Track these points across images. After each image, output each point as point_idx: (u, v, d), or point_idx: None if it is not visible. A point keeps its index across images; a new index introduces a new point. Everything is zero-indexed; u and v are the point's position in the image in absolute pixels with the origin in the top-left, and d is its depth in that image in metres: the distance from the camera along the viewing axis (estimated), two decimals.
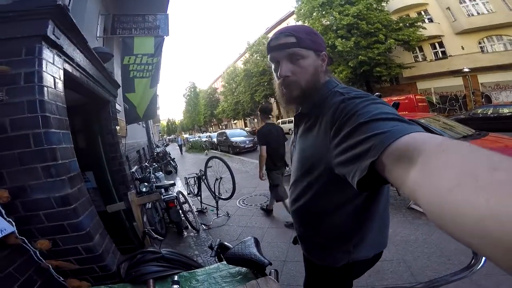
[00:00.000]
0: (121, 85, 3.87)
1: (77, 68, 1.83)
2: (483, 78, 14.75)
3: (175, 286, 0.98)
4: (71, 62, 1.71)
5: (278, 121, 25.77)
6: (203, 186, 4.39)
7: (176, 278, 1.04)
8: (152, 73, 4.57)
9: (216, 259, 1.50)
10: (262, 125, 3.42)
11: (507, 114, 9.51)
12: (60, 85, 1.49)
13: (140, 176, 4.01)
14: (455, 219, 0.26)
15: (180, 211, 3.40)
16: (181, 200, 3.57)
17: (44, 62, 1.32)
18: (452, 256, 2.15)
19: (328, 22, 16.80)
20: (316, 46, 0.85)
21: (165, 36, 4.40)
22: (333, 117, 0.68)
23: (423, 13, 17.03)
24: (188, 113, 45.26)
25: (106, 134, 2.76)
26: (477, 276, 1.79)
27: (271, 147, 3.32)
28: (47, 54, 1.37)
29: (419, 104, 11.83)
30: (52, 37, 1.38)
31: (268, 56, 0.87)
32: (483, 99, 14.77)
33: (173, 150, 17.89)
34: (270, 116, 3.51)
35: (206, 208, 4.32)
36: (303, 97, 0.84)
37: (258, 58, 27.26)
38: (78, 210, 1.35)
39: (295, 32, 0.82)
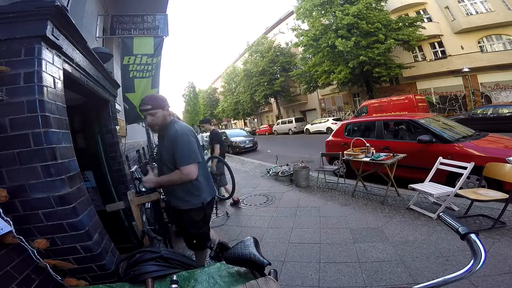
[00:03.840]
0: (121, 85, 3.87)
1: (77, 68, 1.84)
2: (482, 78, 14.76)
3: (174, 285, 0.98)
4: (70, 62, 1.71)
5: (278, 121, 25.83)
6: None
7: (175, 277, 1.04)
8: (152, 73, 4.57)
9: (215, 259, 1.50)
10: (213, 129, 4.70)
11: (507, 114, 9.52)
12: (59, 85, 1.49)
13: (139, 176, 4.00)
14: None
15: None
16: None
17: (43, 62, 1.32)
18: (451, 257, 2.15)
19: (328, 22, 16.80)
20: (161, 106, 1.81)
21: (164, 37, 4.40)
22: (172, 140, 1.77)
23: (422, 12, 17.06)
24: (188, 113, 45.23)
25: (105, 134, 2.76)
26: (475, 277, 1.80)
27: (222, 145, 4.55)
28: (47, 54, 1.37)
29: (419, 104, 11.81)
30: (51, 37, 1.38)
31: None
32: (483, 99, 14.77)
33: None
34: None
35: None
36: (160, 129, 1.88)
37: (257, 58, 27.26)
38: (77, 209, 1.36)
39: (150, 102, 1.79)
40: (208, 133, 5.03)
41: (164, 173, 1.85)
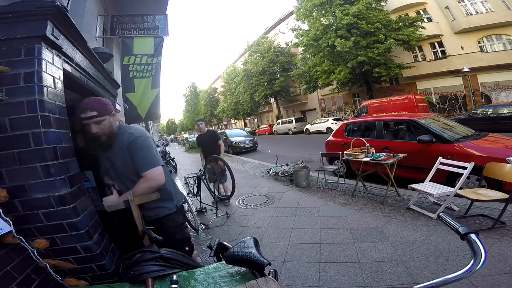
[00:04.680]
0: (121, 85, 3.88)
1: (77, 68, 1.84)
2: (482, 78, 14.76)
3: (173, 285, 0.98)
4: (70, 62, 1.71)
5: (278, 121, 25.84)
6: (202, 186, 4.39)
7: (175, 277, 1.04)
8: (152, 73, 4.57)
9: (215, 259, 1.50)
10: (209, 129, 4.83)
11: (507, 114, 9.52)
12: (59, 85, 1.49)
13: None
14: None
15: None
16: None
17: (43, 62, 1.32)
18: (451, 257, 2.15)
19: (328, 22, 16.80)
20: (108, 111, 1.54)
21: (164, 37, 4.41)
22: (128, 146, 1.55)
23: (421, 12, 17.08)
24: (188, 113, 45.27)
25: None
26: (475, 277, 1.80)
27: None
28: (47, 54, 1.37)
29: (419, 104, 11.82)
30: (51, 37, 1.38)
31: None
32: (483, 99, 14.77)
33: (172, 149, 17.84)
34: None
35: (205, 208, 4.32)
36: (107, 139, 1.56)
37: (257, 58, 27.26)
38: (77, 209, 1.36)
39: (95, 108, 1.49)
40: (197, 134, 4.99)
41: (129, 189, 1.60)
